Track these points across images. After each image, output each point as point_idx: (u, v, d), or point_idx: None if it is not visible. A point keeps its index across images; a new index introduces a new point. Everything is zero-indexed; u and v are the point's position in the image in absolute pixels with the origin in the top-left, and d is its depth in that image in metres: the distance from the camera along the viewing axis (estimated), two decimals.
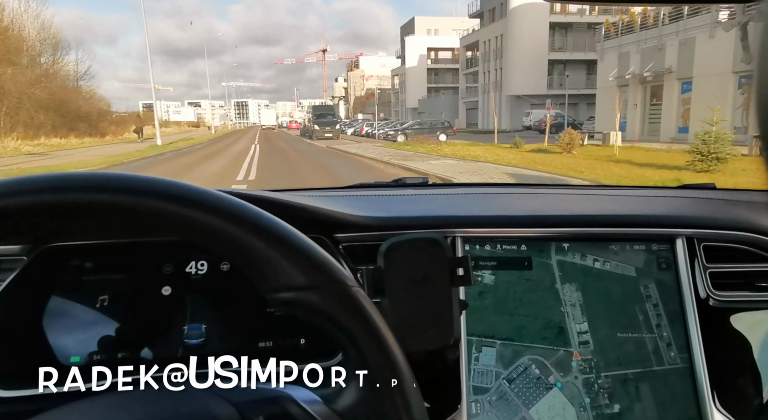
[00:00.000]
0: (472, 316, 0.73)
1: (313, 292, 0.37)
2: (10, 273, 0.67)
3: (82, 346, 0.68)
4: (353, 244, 0.75)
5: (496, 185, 1.24)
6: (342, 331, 0.38)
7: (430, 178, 1.24)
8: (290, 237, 0.37)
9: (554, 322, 0.74)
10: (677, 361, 0.75)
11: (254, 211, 0.37)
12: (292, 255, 0.36)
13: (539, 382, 0.72)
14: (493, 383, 0.71)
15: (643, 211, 0.89)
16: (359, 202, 0.90)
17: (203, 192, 0.36)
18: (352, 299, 0.38)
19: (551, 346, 0.73)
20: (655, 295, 0.77)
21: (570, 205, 0.95)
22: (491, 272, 0.75)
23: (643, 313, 0.76)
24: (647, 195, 1.07)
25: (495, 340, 0.73)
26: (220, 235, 0.35)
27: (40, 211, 0.32)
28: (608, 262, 0.77)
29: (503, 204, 0.98)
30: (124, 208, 0.33)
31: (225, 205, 0.36)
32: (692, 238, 0.80)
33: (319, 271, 0.37)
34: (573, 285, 0.76)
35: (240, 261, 0.37)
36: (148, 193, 0.34)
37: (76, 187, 0.33)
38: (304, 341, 0.72)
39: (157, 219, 0.34)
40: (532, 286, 0.75)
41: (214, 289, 0.73)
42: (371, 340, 0.38)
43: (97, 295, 0.70)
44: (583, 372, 0.73)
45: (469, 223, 0.77)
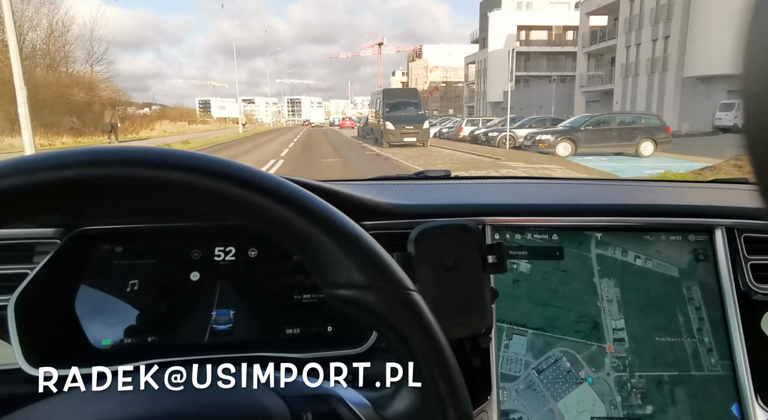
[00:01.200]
0: (505, 303, 0.73)
1: (372, 292, 0.36)
2: (44, 256, 0.68)
3: (112, 329, 0.69)
4: (380, 232, 0.74)
5: (523, 177, 1.20)
6: (397, 336, 0.37)
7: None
8: (357, 235, 0.36)
9: (589, 316, 0.73)
10: (718, 368, 0.72)
11: (326, 206, 0.36)
12: (356, 253, 0.36)
13: (569, 375, 0.71)
14: (522, 372, 0.71)
15: (679, 200, 0.85)
16: (386, 190, 0.90)
17: (278, 181, 0.35)
18: (411, 304, 0.37)
19: (584, 340, 0.72)
20: (698, 298, 0.74)
21: (602, 194, 0.92)
22: (527, 261, 0.75)
23: (683, 316, 0.73)
24: (681, 186, 1.03)
25: (526, 329, 0.72)
26: (288, 226, 0.35)
27: (124, 184, 0.32)
28: (650, 260, 0.75)
29: (533, 193, 0.96)
30: (194, 188, 0.32)
31: (296, 196, 0.35)
32: (732, 229, 0.76)
33: (381, 273, 0.36)
34: (611, 280, 0.74)
35: (303, 253, 0.36)
36: (219, 176, 0.33)
37: (170, 164, 0.32)
38: (332, 329, 0.73)
39: (226, 202, 0.33)
40: (568, 277, 0.74)
41: (241, 276, 0.73)
42: (427, 349, 0.37)
43: (127, 279, 0.71)
44: (617, 369, 0.71)
45: (499, 212, 0.76)
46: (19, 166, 0.30)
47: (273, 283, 0.74)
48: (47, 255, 0.68)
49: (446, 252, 0.60)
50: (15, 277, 0.67)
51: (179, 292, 0.72)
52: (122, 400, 0.38)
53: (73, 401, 0.38)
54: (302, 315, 0.73)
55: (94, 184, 0.31)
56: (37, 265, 0.67)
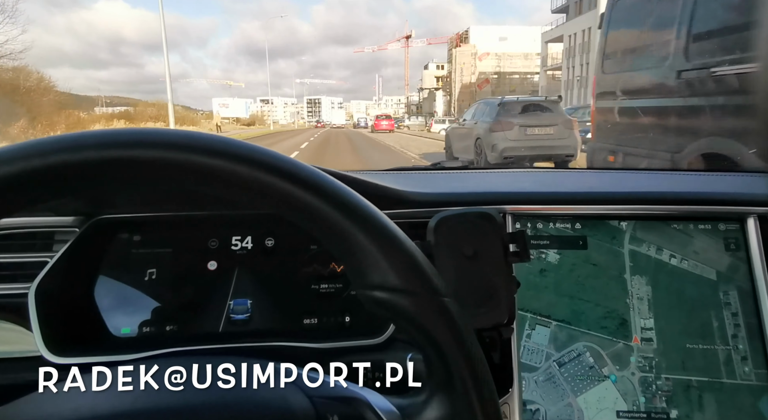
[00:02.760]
0: (530, 292, 0.71)
1: (408, 296, 0.35)
2: (63, 244, 0.69)
3: (131, 318, 0.70)
4: (400, 221, 0.73)
5: (541, 168, 1.17)
6: (430, 343, 0.36)
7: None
8: (397, 237, 0.36)
9: (617, 313, 0.71)
10: (751, 378, 0.68)
11: (366, 204, 0.36)
12: (395, 256, 0.35)
13: (592, 371, 0.69)
14: (543, 364, 0.69)
15: (708, 188, 0.81)
16: (403, 179, 0.89)
17: (321, 175, 0.34)
18: (447, 312, 0.36)
19: (610, 337, 0.70)
20: (735, 303, 0.71)
21: (626, 183, 0.89)
22: (556, 251, 0.73)
23: (718, 320, 0.70)
24: (709, 175, 0.97)
25: (550, 320, 0.71)
26: (328, 223, 0.34)
27: (169, 168, 0.31)
28: (686, 260, 0.72)
29: (555, 181, 0.93)
30: (237, 178, 0.32)
31: (339, 192, 0.34)
32: (765, 217, 0.73)
33: (418, 277, 0.36)
34: (644, 278, 0.72)
35: (339, 250, 0.36)
36: (262, 166, 0.32)
37: (213, 149, 0.32)
38: (350, 319, 0.73)
39: (268, 193, 0.33)
40: (597, 271, 0.72)
41: (259, 265, 0.73)
42: (459, 357, 0.36)
43: (145, 268, 0.71)
44: (642, 370, 0.69)
45: (520, 200, 0.74)
46: (109, 138, 0.30)
47: (290, 272, 0.74)
48: (66, 243, 0.69)
49: (467, 240, 0.58)
50: (35, 265, 0.68)
51: (197, 282, 0.72)
52: (149, 392, 0.37)
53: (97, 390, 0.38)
54: (320, 305, 0.73)
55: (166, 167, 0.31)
56: (56, 254, 0.68)
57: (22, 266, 0.69)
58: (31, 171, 0.29)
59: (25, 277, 0.67)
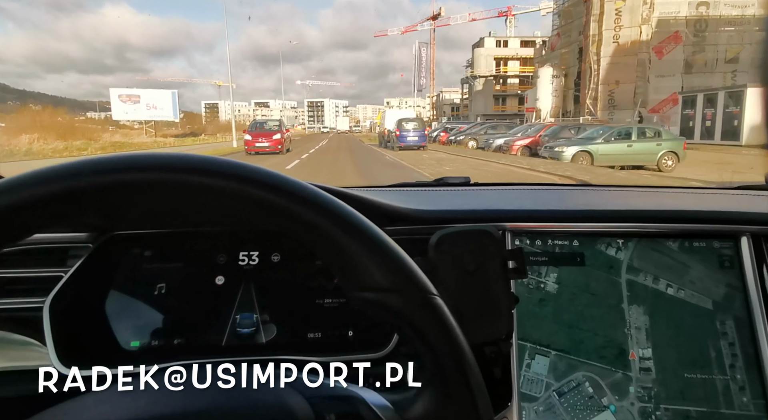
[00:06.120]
0: (530, 322, 0.72)
1: (396, 295, 0.37)
2: (77, 259, 0.71)
3: (141, 331, 0.71)
4: (401, 238, 0.74)
5: (543, 184, 1.19)
6: (420, 337, 0.38)
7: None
8: (382, 241, 0.38)
9: (615, 343, 0.71)
10: (750, 408, 0.69)
11: (352, 212, 0.38)
12: (381, 258, 0.37)
13: (591, 401, 0.69)
14: (543, 393, 0.70)
15: (704, 206, 0.83)
16: (405, 196, 0.90)
17: (307, 187, 0.37)
18: (434, 307, 0.38)
19: (609, 367, 0.70)
20: (732, 333, 0.72)
21: (624, 200, 0.91)
22: (555, 274, 0.74)
23: (716, 350, 0.71)
24: (704, 192, 0.99)
25: (550, 350, 0.71)
26: (316, 231, 0.36)
27: (185, 190, 0.34)
28: (682, 290, 0.73)
29: (554, 199, 0.94)
30: (234, 195, 0.34)
31: (325, 202, 0.36)
32: (759, 236, 0.74)
33: (405, 277, 0.38)
34: (641, 308, 0.72)
35: (329, 256, 0.38)
36: (257, 184, 0.35)
37: (220, 172, 0.34)
38: (353, 333, 0.74)
39: (263, 209, 0.35)
40: (596, 301, 0.73)
41: (265, 280, 0.75)
42: (448, 350, 0.38)
43: (155, 283, 0.73)
44: (641, 399, 0.69)
45: (518, 217, 0.75)
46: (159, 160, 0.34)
47: (295, 287, 0.75)
48: (80, 259, 0.70)
49: (467, 257, 0.60)
50: (50, 279, 0.69)
51: (204, 296, 0.74)
52: (153, 398, 0.39)
53: (106, 398, 0.40)
54: (324, 319, 0.74)
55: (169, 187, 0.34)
56: (70, 269, 0.69)
57: (38, 281, 0.71)
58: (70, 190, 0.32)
59: (40, 292, 0.69)
